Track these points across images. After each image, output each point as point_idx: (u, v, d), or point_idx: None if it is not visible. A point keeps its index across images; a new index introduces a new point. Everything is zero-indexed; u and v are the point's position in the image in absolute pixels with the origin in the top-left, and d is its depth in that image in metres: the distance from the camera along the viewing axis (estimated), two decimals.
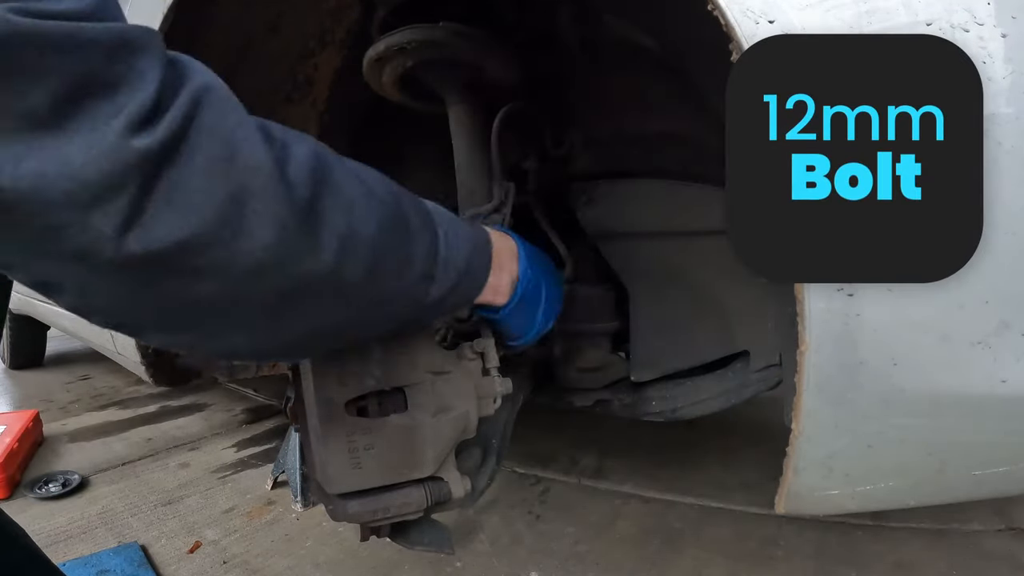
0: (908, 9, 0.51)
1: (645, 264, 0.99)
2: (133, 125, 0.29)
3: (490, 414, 0.68)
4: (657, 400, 1.05)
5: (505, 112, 0.93)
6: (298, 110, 1.30)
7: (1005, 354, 0.53)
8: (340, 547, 1.40)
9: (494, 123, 0.93)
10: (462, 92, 0.93)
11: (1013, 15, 0.50)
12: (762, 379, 0.97)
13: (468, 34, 0.83)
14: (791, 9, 0.52)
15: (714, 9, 0.53)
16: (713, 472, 1.70)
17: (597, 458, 1.85)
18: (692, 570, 1.28)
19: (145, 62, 0.31)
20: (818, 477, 0.61)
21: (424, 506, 0.64)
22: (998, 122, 0.50)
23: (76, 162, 0.28)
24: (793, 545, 1.34)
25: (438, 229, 0.51)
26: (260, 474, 1.83)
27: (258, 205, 0.34)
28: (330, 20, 1.18)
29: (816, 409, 0.57)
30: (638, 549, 1.36)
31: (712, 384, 1.01)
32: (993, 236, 0.51)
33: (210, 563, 1.36)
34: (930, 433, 0.59)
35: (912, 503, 0.69)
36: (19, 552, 0.67)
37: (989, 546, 1.30)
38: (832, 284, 0.53)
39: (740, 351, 0.98)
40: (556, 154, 1.02)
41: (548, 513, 1.55)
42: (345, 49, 1.23)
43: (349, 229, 0.40)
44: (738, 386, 0.99)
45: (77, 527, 1.52)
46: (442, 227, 0.51)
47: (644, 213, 0.98)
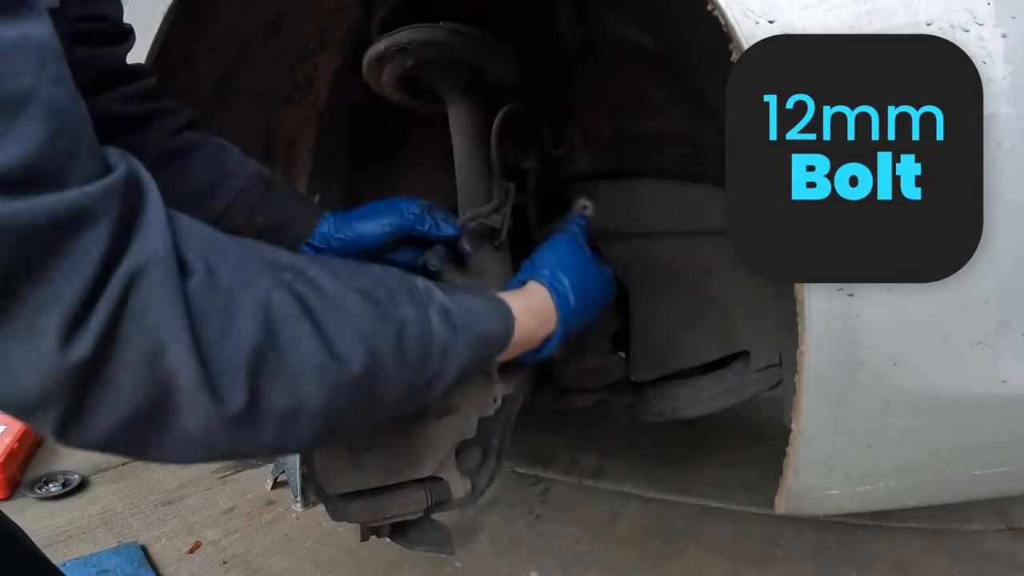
0: (908, 9, 0.51)
1: (645, 264, 0.99)
2: (67, 329, 0.29)
3: (490, 414, 0.68)
4: (657, 400, 1.04)
5: (505, 112, 0.93)
6: (298, 110, 1.30)
7: (1005, 354, 0.53)
8: (340, 547, 1.40)
9: (494, 123, 0.93)
10: (462, 92, 0.93)
11: (1013, 15, 0.50)
12: (762, 379, 0.96)
13: (468, 34, 0.83)
14: (791, 9, 0.52)
15: (714, 9, 0.53)
16: (713, 472, 1.70)
17: (597, 458, 1.85)
18: (692, 570, 1.28)
19: (89, 238, 0.30)
20: (818, 477, 0.61)
21: (424, 506, 0.65)
22: (998, 122, 0.50)
23: (14, 372, 0.29)
24: (793, 545, 1.34)
25: (431, 346, 0.45)
26: (260, 474, 1.83)
27: (184, 408, 0.33)
28: (330, 20, 1.18)
29: (816, 409, 0.57)
30: (638, 549, 1.36)
31: (712, 384, 1.01)
32: (993, 236, 0.51)
33: (210, 563, 1.36)
34: (930, 433, 0.59)
35: (912, 503, 0.69)
36: (18, 552, 0.67)
37: (989, 546, 1.30)
38: (832, 284, 0.53)
39: (740, 351, 0.98)
40: (556, 154, 1.02)
41: (548, 513, 1.55)
42: (345, 49, 1.23)
43: (293, 407, 0.37)
44: (738, 386, 0.99)
45: (77, 527, 1.52)
46: (437, 340, 0.46)
47: (644, 213, 0.98)
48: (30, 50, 0.30)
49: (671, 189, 0.96)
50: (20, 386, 0.29)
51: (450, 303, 0.48)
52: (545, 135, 1.01)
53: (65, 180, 0.30)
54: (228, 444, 0.36)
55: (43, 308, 0.29)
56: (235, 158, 0.75)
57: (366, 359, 0.40)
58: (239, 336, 0.34)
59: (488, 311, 0.54)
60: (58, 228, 0.29)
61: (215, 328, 0.34)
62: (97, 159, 0.34)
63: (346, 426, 0.43)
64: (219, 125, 1.20)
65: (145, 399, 0.32)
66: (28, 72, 0.30)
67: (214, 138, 0.76)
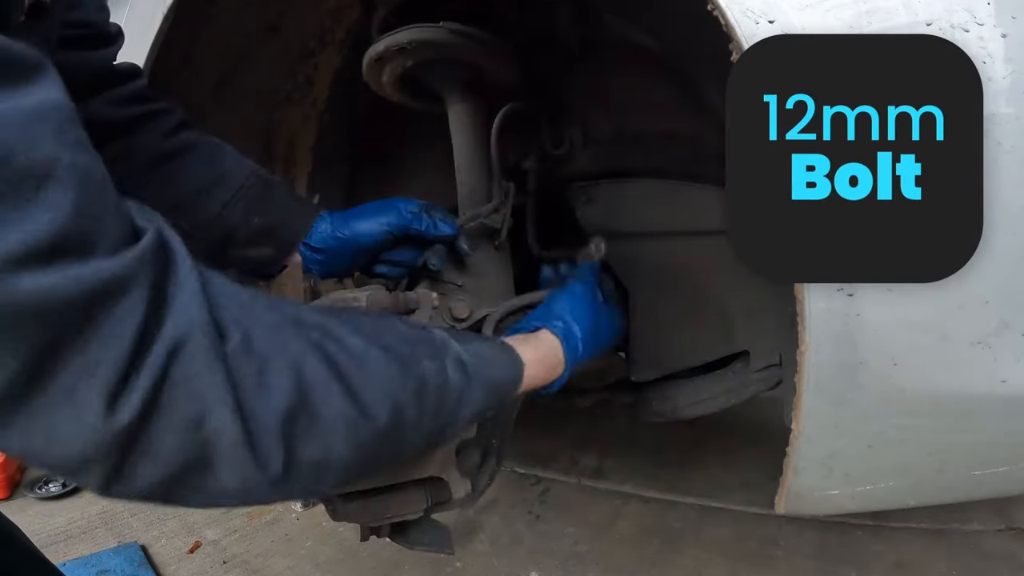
0: (908, 9, 0.51)
1: (645, 264, 0.99)
2: (110, 397, 0.30)
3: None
4: (657, 400, 1.04)
5: (505, 112, 0.93)
6: (298, 110, 1.30)
7: (1005, 354, 0.53)
8: (340, 547, 1.40)
9: (494, 123, 0.93)
10: (462, 92, 0.93)
11: (1013, 15, 0.50)
12: (762, 379, 0.96)
13: (468, 34, 0.83)
14: (791, 9, 0.52)
15: (714, 9, 0.53)
16: (713, 472, 1.70)
17: (597, 458, 1.85)
18: (692, 570, 1.28)
19: (125, 307, 0.31)
20: (818, 477, 0.61)
21: (424, 506, 0.65)
22: (998, 122, 0.50)
23: (60, 438, 0.30)
24: (793, 545, 1.34)
25: (448, 395, 0.48)
26: None
27: (224, 466, 0.34)
28: (330, 20, 1.18)
29: (816, 409, 0.57)
30: (638, 549, 1.36)
31: (712, 384, 1.01)
32: (993, 236, 0.51)
33: (210, 563, 1.36)
34: (930, 433, 0.59)
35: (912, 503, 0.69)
36: (15, 551, 0.67)
37: (989, 546, 1.30)
38: (832, 284, 0.53)
39: (740, 351, 0.98)
40: (556, 154, 1.02)
41: (548, 513, 1.55)
42: (345, 49, 1.23)
43: (324, 460, 0.39)
44: (738, 386, 0.99)
45: (77, 527, 1.52)
46: (453, 389, 0.48)
47: (644, 213, 0.98)
48: (47, 117, 0.30)
49: (671, 189, 0.96)
50: (67, 450, 0.30)
51: (464, 353, 0.51)
52: (545, 135, 1.01)
53: (95, 246, 0.30)
54: (263, 495, 0.38)
55: (84, 377, 0.29)
56: (230, 158, 0.75)
57: (391, 412, 0.42)
58: (275, 398, 0.36)
59: (500, 360, 0.57)
60: (93, 300, 0.29)
61: (252, 391, 0.35)
62: (123, 219, 0.34)
63: (370, 470, 0.46)
64: (219, 125, 1.20)
65: (187, 459, 0.33)
66: (48, 141, 0.29)
67: (209, 138, 0.76)
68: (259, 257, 0.76)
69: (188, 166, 0.71)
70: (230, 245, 0.74)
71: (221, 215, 0.72)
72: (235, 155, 0.76)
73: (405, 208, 0.78)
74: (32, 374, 0.28)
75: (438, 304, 0.75)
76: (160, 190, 0.70)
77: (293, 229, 0.76)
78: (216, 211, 0.72)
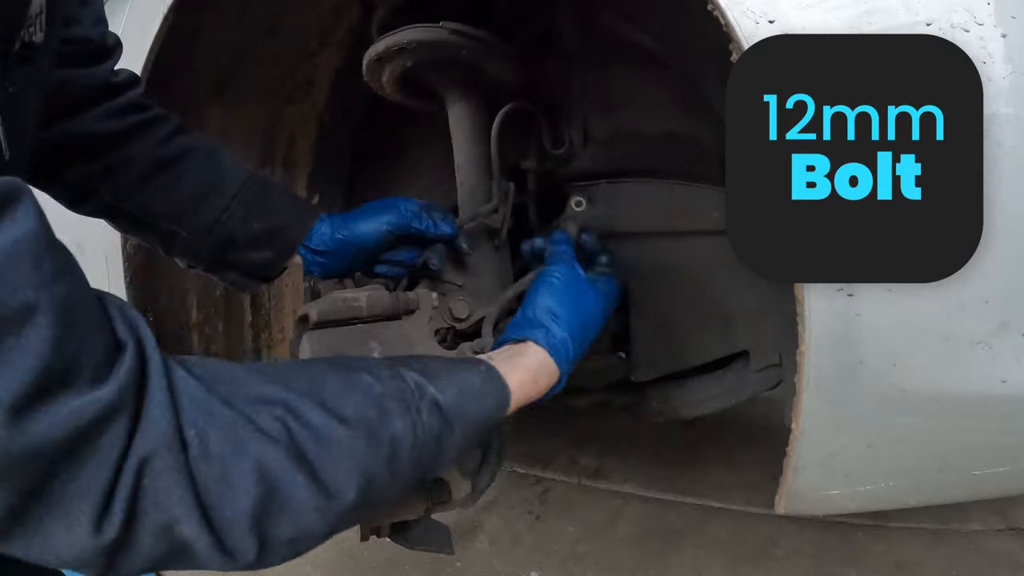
0: (908, 9, 0.51)
1: (645, 264, 0.99)
2: (97, 517, 0.32)
3: None
4: (657, 400, 1.04)
5: (505, 112, 0.93)
6: (298, 110, 1.30)
7: (1005, 354, 0.53)
8: (339, 547, 1.40)
9: (494, 123, 0.93)
10: (462, 92, 0.93)
11: (1013, 15, 0.50)
12: (762, 379, 0.96)
13: (468, 34, 0.83)
14: (791, 9, 0.52)
15: (714, 9, 0.53)
16: (713, 472, 1.70)
17: (597, 458, 1.85)
18: (692, 570, 1.28)
19: (110, 435, 0.32)
20: (818, 477, 0.61)
21: (424, 506, 0.64)
22: (998, 122, 0.50)
23: (57, 551, 0.33)
24: (793, 545, 1.34)
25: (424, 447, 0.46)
26: None
27: (203, 559, 0.37)
28: (330, 20, 1.18)
29: (816, 409, 0.57)
30: (638, 549, 1.36)
31: (712, 384, 1.01)
32: (993, 236, 0.51)
33: None
34: (930, 433, 0.59)
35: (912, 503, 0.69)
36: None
37: (989, 546, 1.30)
38: (832, 284, 0.53)
39: (740, 351, 0.98)
40: (556, 154, 1.02)
41: (548, 513, 1.55)
42: (345, 49, 1.23)
43: (298, 538, 0.41)
44: (738, 386, 0.99)
45: None
46: (430, 437, 0.47)
47: (644, 213, 0.98)
48: (22, 256, 0.30)
49: (671, 189, 0.96)
50: (61, 559, 0.34)
51: (441, 395, 0.48)
52: (545, 135, 1.01)
53: (79, 374, 0.32)
54: (245, 571, 0.40)
55: (75, 501, 0.32)
56: (227, 163, 0.75)
57: (360, 487, 0.42)
58: (241, 498, 0.37)
59: (483, 391, 0.54)
60: (82, 435, 0.31)
61: (216, 495, 0.36)
62: (105, 334, 0.35)
63: (350, 527, 0.48)
64: (219, 125, 1.20)
65: (167, 554, 0.36)
66: (25, 282, 0.30)
67: (205, 141, 0.76)
68: (259, 260, 0.76)
69: (185, 172, 0.72)
70: (230, 249, 0.74)
71: (220, 220, 0.72)
72: (232, 159, 0.76)
73: (405, 207, 0.78)
74: (26, 507, 0.31)
75: (438, 304, 0.75)
76: (159, 197, 0.71)
77: (293, 231, 0.76)
78: (215, 216, 0.72)
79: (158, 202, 0.71)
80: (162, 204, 0.72)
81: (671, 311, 0.99)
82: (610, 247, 0.92)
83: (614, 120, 1.00)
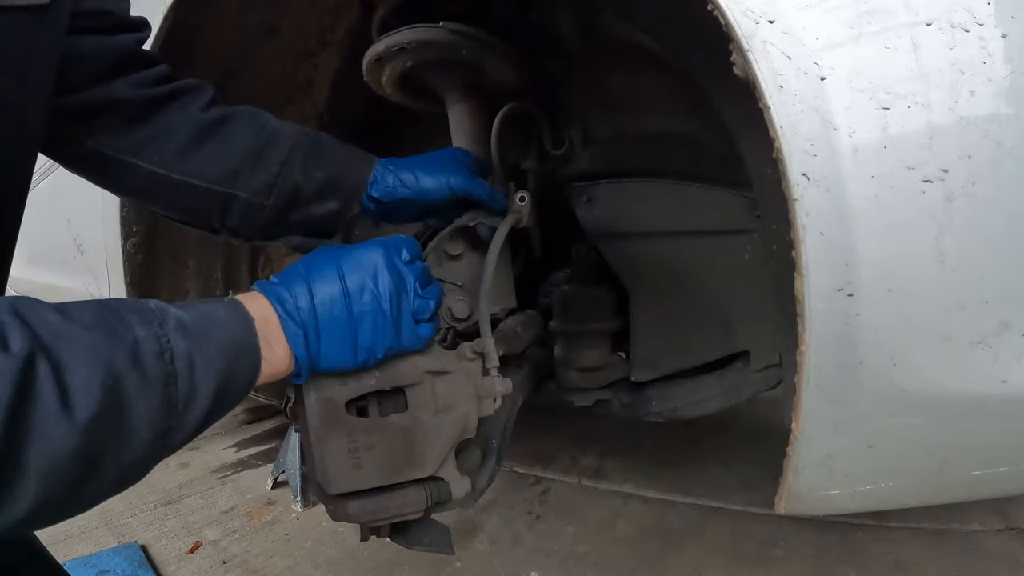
0: (908, 9, 0.51)
1: (645, 264, 0.99)
2: None
3: (490, 414, 0.68)
4: (657, 400, 1.04)
5: (505, 112, 0.93)
6: (298, 110, 1.30)
7: (1005, 354, 0.53)
8: (340, 547, 1.40)
9: (494, 123, 0.93)
10: (462, 92, 0.93)
11: (1013, 15, 0.50)
12: (762, 379, 0.97)
13: (468, 34, 0.83)
14: (791, 9, 0.52)
15: (714, 9, 0.53)
16: (713, 472, 1.70)
17: (597, 458, 1.85)
18: (692, 570, 1.28)
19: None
20: (818, 477, 0.61)
21: (424, 506, 0.64)
22: (998, 122, 0.50)
23: None
24: (793, 545, 1.34)
25: (175, 362, 0.44)
26: (260, 474, 1.83)
27: None
28: (330, 20, 1.18)
29: (816, 409, 0.57)
30: (638, 549, 1.36)
31: (712, 384, 1.01)
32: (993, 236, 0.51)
33: (210, 563, 1.36)
34: (930, 433, 0.59)
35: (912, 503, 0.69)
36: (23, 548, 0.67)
37: (989, 546, 1.30)
38: (832, 284, 0.53)
39: (740, 351, 0.98)
40: (556, 154, 1.02)
41: (548, 513, 1.55)
42: (345, 49, 1.23)
43: (51, 455, 0.37)
44: (738, 386, 0.99)
45: (77, 527, 1.52)
46: (180, 353, 0.44)
47: (644, 213, 0.98)
48: None
49: (671, 189, 0.96)
50: None
51: (186, 316, 0.47)
52: (545, 135, 1.01)
53: None
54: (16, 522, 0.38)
55: None
56: (273, 120, 0.74)
57: (106, 386, 0.39)
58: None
59: (228, 317, 0.50)
60: None
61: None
62: None
63: (105, 462, 0.41)
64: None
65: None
66: None
67: (245, 107, 0.74)
68: (324, 213, 0.74)
69: (235, 133, 0.70)
70: (294, 205, 0.72)
71: (281, 175, 0.70)
72: (275, 118, 0.74)
73: (468, 165, 0.77)
74: None
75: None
76: (214, 160, 0.69)
77: (355, 178, 0.74)
78: (275, 171, 0.70)
79: (211, 166, 0.69)
80: (215, 168, 0.69)
81: (671, 311, 0.99)
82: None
83: (614, 120, 1.00)
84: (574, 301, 1.05)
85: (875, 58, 0.51)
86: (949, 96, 0.50)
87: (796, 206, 0.52)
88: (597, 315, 1.05)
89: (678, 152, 0.96)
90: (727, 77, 0.54)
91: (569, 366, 1.05)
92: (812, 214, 0.52)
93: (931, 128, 0.50)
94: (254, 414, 2.36)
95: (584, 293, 1.06)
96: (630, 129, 0.99)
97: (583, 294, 1.06)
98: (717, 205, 0.92)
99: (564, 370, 1.06)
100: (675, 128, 0.96)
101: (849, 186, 0.51)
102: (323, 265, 0.57)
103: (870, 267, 0.52)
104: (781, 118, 0.52)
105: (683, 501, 1.57)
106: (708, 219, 0.93)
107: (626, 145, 1.00)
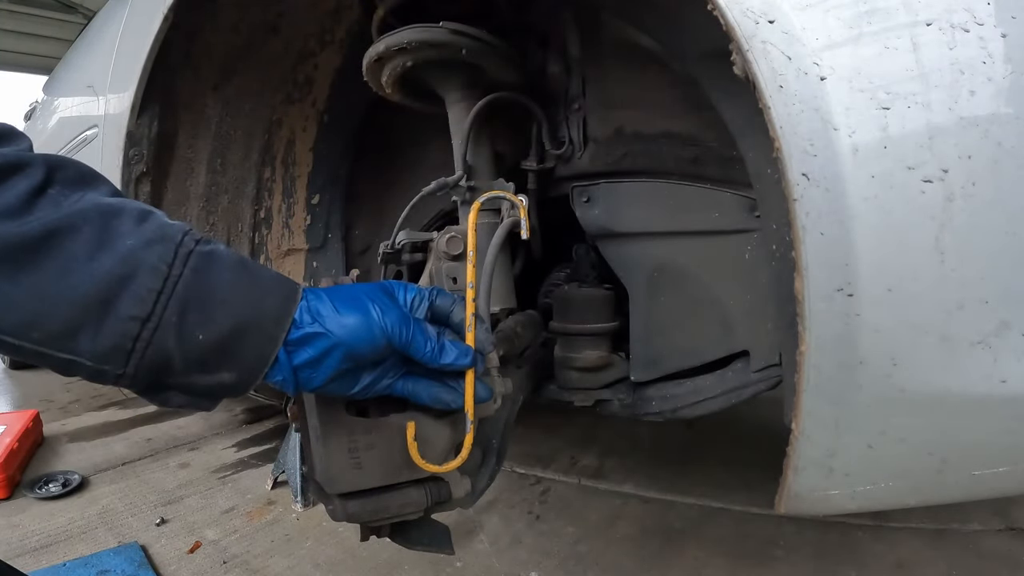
0: (908, 9, 0.51)
1: (645, 264, 0.99)
2: None
3: (490, 414, 0.68)
4: (657, 400, 1.04)
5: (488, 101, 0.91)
6: (298, 110, 1.30)
7: (1005, 354, 0.53)
8: (340, 547, 1.40)
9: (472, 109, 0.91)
10: (462, 92, 0.93)
11: (1013, 15, 0.50)
12: (762, 379, 0.96)
13: (468, 34, 0.83)
14: (791, 9, 0.52)
15: (714, 9, 0.53)
16: (713, 472, 1.70)
17: (597, 458, 1.85)
18: (692, 570, 1.28)
19: None
20: (818, 477, 0.61)
21: (424, 506, 0.64)
22: (999, 122, 0.50)
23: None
24: (793, 545, 1.34)
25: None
26: (260, 474, 1.83)
27: None
28: (330, 20, 1.18)
29: (816, 409, 0.57)
30: (638, 549, 1.37)
31: (712, 384, 1.01)
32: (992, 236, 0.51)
33: (210, 563, 1.36)
34: (930, 433, 0.59)
35: (912, 503, 0.69)
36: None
37: (989, 546, 1.30)
38: (832, 284, 0.53)
39: (740, 351, 0.98)
40: (556, 154, 1.02)
41: (548, 513, 1.55)
42: (345, 49, 1.23)
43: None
44: (738, 386, 0.99)
45: (77, 527, 1.52)
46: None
47: (644, 213, 0.98)
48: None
49: (671, 189, 0.96)
50: None
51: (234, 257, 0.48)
52: (545, 135, 1.01)
53: None
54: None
55: None
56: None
57: (95, 207, 0.43)
58: None
59: (277, 277, 0.50)
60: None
61: None
62: None
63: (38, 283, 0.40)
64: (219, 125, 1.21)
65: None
66: None
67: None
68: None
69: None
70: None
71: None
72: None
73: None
74: None
75: None
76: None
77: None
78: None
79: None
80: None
81: (671, 311, 0.99)
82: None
83: (614, 120, 1.00)
84: (574, 301, 1.05)
85: (875, 58, 0.51)
86: (949, 96, 0.50)
87: (796, 206, 0.52)
88: (597, 315, 1.05)
89: (678, 152, 0.96)
90: (727, 77, 0.54)
91: (569, 366, 1.05)
92: (812, 214, 0.52)
93: (931, 128, 0.50)
94: (254, 414, 2.36)
95: (584, 293, 1.06)
96: (630, 129, 0.99)
97: (583, 294, 1.06)
98: (717, 205, 0.92)
99: (564, 370, 1.06)
100: (675, 128, 0.96)
101: (849, 186, 0.51)
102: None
103: (870, 267, 0.52)
104: (781, 118, 0.52)
105: (683, 501, 1.57)
106: (708, 219, 0.93)
107: (626, 145, 1.00)
